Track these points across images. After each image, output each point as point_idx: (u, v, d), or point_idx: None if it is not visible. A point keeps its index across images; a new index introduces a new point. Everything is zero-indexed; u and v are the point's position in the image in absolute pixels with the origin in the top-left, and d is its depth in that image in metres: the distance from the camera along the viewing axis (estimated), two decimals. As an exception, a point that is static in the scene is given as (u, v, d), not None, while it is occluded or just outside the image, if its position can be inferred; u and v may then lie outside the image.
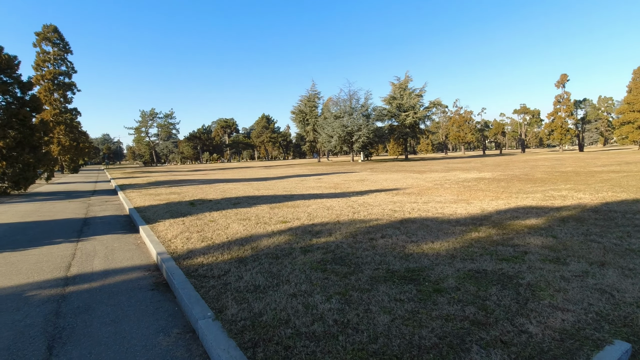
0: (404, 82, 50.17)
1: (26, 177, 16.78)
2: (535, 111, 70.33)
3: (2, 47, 16.36)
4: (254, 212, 8.65)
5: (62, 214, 10.86)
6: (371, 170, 29.22)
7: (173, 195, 13.42)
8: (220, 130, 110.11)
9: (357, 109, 46.16)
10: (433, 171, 24.21)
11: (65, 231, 8.07)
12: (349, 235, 5.95)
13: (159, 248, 5.71)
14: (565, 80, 54.61)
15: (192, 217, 8.43)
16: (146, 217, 8.70)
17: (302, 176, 23.92)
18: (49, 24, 35.73)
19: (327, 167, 37.63)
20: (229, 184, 18.28)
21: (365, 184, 16.09)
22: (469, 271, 4.08)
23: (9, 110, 16.43)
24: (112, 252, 6.13)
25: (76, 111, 39.37)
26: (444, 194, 11.40)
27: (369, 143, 45.90)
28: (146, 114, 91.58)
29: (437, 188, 13.37)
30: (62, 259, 5.78)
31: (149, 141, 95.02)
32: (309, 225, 6.90)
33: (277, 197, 11.69)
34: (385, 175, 21.62)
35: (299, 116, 55.46)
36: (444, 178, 18.06)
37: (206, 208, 9.76)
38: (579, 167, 21.41)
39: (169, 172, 41.92)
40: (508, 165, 28.61)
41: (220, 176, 27.17)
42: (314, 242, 5.56)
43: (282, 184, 17.84)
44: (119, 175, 33.43)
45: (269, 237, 6.03)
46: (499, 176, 17.88)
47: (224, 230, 6.82)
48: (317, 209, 8.91)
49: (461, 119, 68.80)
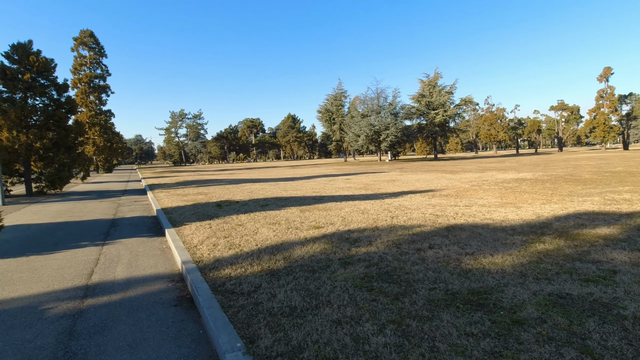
0: (434, 79, 48.50)
1: (61, 177, 17.17)
2: (575, 107, 66.07)
3: (39, 51, 16.81)
4: (284, 216, 8.15)
5: (92, 214, 10.82)
6: (400, 170, 28.22)
7: (200, 196, 13.20)
8: (246, 130, 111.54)
9: (385, 107, 45.00)
10: (466, 171, 22.96)
11: (93, 233, 7.88)
12: (391, 244, 5.30)
13: (184, 255, 5.29)
14: (609, 73, 50.90)
15: (219, 220, 8.03)
16: (172, 219, 8.39)
17: (329, 176, 23.34)
18: (85, 29, 37.15)
19: (354, 167, 36.87)
20: (255, 184, 17.98)
21: (397, 185, 15.29)
22: (550, 295, 3.34)
23: (46, 111, 16.86)
24: (136, 257, 5.79)
25: (110, 113, 40.72)
26: (486, 197, 10.47)
27: (397, 142, 44.65)
28: (176, 115, 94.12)
29: (475, 190, 12.41)
30: (85, 265, 5.47)
31: (179, 141, 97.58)
32: (344, 231, 6.29)
33: (306, 199, 11.16)
34: (416, 176, 20.66)
35: (325, 115, 54.89)
36: (480, 179, 16.93)
37: (233, 210, 9.37)
38: (630, 167, 19.56)
39: (196, 171, 42.57)
40: (547, 164, 26.78)
41: (247, 176, 27.08)
42: (353, 253, 4.95)
43: (310, 184, 17.34)
44: (150, 175, 34.17)
45: (302, 246, 5.48)
46: (542, 177, 16.55)
47: (252, 235, 6.33)
48: (350, 212, 8.29)
49: (493, 117, 65.85)
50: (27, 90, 16.28)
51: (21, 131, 15.85)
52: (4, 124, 15.45)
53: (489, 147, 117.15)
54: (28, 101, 16.43)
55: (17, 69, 16.13)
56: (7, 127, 15.50)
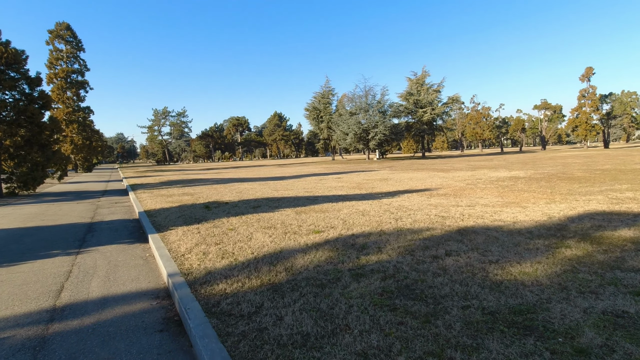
0: (421, 77, 48.44)
1: (34, 177, 16.06)
2: (557, 106, 67.41)
3: (9, 41, 15.65)
4: (279, 218, 7.55)
5: (67, 217, 9.96)
6: (390, 168, 27.90)
7: (186, 197, 12.44)
8: (232, 128, 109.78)
9: (373, 105, 44.63)
10: (457, 170, 22.77)
11: (66, 240, 7.10)
12: (403, 251, 4.79)
13: (170, 267, 4.65)
14: (590, 73, 52.01)
15: (208, 223, 7.37)
16: (157, 223, 7.68)
17: (319, 175, 22.79)
18: (61, 22, 35.36)
19: (342, 166, 36.41)
20: (244, 184, 17.27)
21: (391, 184, 14.86)
22: (604, 314, 2.88)
23: (17, 107, 15.71)
24: (115, 269, 5.10)
25: (89, 109, 39.04)
26: (485, 196, 10.12)
27: (385, 140, 44.38)
28: (159, 113, 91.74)
29: (472, 188, 12.07)
30: (55, 278, 4.76)
31: (162, 140, 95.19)
32: (348, 236, 5.75)
33: (299, 199, 10.58)
34: (407, 174, 20.31)
35: (313, 113, 54.20)
36: (474, 177, 16.68)
37: (223, 212, 8.70)
38: (618, 165, 19.70)
39: (181, 170, 41.32)
40: (535, 163, 26.92)
41: (234, 175, 26.25)
42: (364, 262, 4.41)
43: (301, 183, 16.74)
44: (132, 174, 32.88)
45: (304, 254, 4.90)
46: (534, 175, 16.41)
47: (246, 242, 5.72)
48: (350, 214, 7.76)
49: (479, 116, 66.56)
50: (-4, 83, 15.11)
51: (-11, 128, 14.69)
52: (-30, 120, 14.28)
53: (474, 146, 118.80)
54: (-3, 96, 15.25)
55: (-15, 61, 14.94)
56: (-26, 124, 14.34)
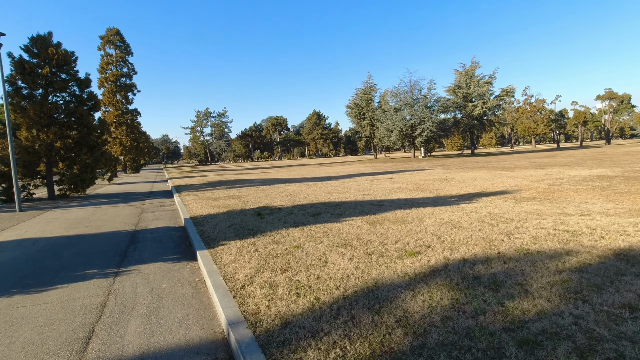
0: (471, 69, 44.99)
1: (83, 179, 15.93)
2: (625, 96, 60.12)
3: (59, 43, 15.59)
4: (350, 231, 6.15)
5: (111, 224, 9.23)
6: (442, 167, 25.66)
7: (233, 201, 11.44)
8: (271, 127, 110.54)
9: (419, 100, 42.03)
10: (522, 168, 20.19)
11: (107, 254, 6.17)
12: (564, 292, 3.19)
13: (229, 307, 3.39)
14: (670, 57, 45.70)
15: (266, 237, 6.13)
16: (205, 235, 6.58)
17: (367, 175, 21.22)
18: (112, 27, 36.54)
19: (388, 164, 34.49)
20: (291, 185, 16.13)
21: (455, 185, 12.99)
22: None
23: (68, 108, 15.64)
24: (159, 301, 3.95)
25: (136, 112, 40.13)
26: (591, 200, 8.12)
27: (433, 137, 41.69)
28: (201, 114, 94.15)
29: (560, 191, 10.00)
30: (85, 316, 3.68)
31: (204, 140, 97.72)
32: (458, 262, 4.22)
33: (362, 205, 9.14)
34: (468, 174, 18.18)
35: (355, 110, 52.35)
36: (550, 176, 14.34)
37: (279, 221, 7.46)
38: None
39: (223, 170, 41.41)
40: (612, 159, 23.47)
41: (277, 175, 25.35)
42: (516, 313, 2.87)
43: (352, 184, 15.30)
44: (176, 175, 33.15)
45: (412, 291, 3.46)
46: (626, 173, 13.80)
47: (322, 267, 4.38)
48: (436, 225, 6.20)
49: (532, 109, 61.28)
50: (47, 85, 15.07)
51: (41, 130, 14.65)
52: (23, 122, 14.28)
53: (525, 141, 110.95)
54: (48, 97, 15.22)
55: (37, 63, 14.94)
56: (26, 126, 14.32)
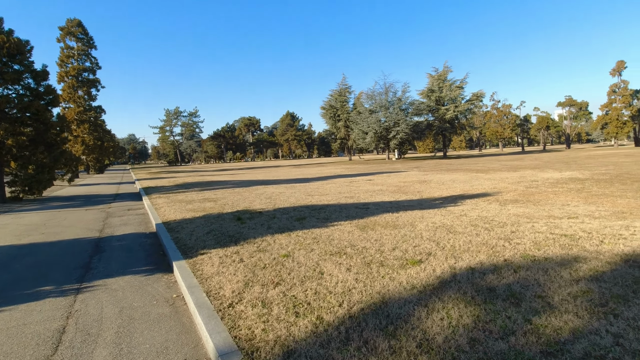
0: (443, 73, 46.06)
1: (40, 180, 14.57)
2: (583, 103, 63.96)
3: (12, 30, 14.20)
4: (342, 238, 5.75)
5: (72, 230, 8.33)
6: (418, 169, 25.90)
7: (209, 204, 10.74)
8: (243, 128, 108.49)
9: (394, 102, 42.48)
10: (495, 170, 20.68)
11: (66, 266, 5.41)
12: (590, 307, 2.94)
13: (217, 333, 2.88)
14: (622, 67, 48.92)
15: (250, 245, 5.61)
16: (181, 242, 5.95)
17: (345, 176, 20.97)
18: (72, 18, 34.19)
19: (363, 166, 34.50)
20: (269, 187, 15.54)
21: (436, 187, 12.94)
22: None
23: (21, 103, 14.24)
24: (130, 326, 3.36)
25: (100, 109, 37.81)
26: (572, 202, 8.20)
27: (407, 140, 42.21)
28: (171, 113, 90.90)
29: (539, 193, 10.11)
30: (37, 349, 3.04)
31: (174, 140, 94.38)
32: (465, 271, 3.91)
33: (348, 208, 8.77)
34: (445, 176, 18.34)
35: (330, 112, 52.11)
36: (525, 179, 14.65)
37: (262, 227, 6.93)
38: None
39: (194, 172, 39.92)
40: (576, 162, 24.59)
41: (252, 177, 24.60)
42: (550, 331, 2.57)
43: (331, 186, 14.94)
44: (144, 176, 31.51)
45: (424, 307, 3.09)
46: (594, 175, 14.33)
47: (318, 279, 3.94)
48: (431, 230, 5.93)
49: (499, 113, 63.83)
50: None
51: (-10, 126, 13.22)
52: (-31, 117, 12.83)
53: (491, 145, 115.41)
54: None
55: (-15, 52, 13.49)
56: (-27, 121, 12.88)
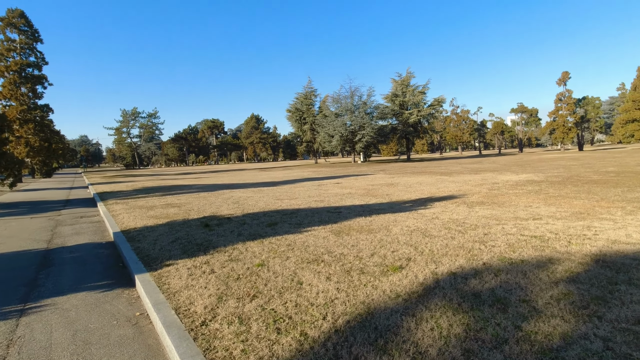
0: (406, 78, 47.47)
1: (-24, 186, 13.06)
2: (534, 110, 68.98)
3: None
4: (317, 244, 5.55)
5: (13, 241, 7.46)
6: (384, 172, 26.34)
7: (172, 209, 10.13)
8: (207, 130, 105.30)
9: (359, 106, 43.12)
10: (457, 173, 21.48)
11: (6, 284, 4.77)
12: (573, 307, 2.95)
13: (191, 357, 2.57)
14: (566, 77, 53.20)
15: (220, 253, 5.26)
16: (144, 253, 5.47)
17: (313, 180, 20.83)
18: (14, 8, 31.40)
19: (330, 169, 34.57)
20: (236, 192, 15.02)
21: (403, 190, 13.12)
22: None
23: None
24: (86, 353, 2.95)
25: (47, 108, 35.00)
26: (533, 204, 8.58)
27: (372, 143, 42.96)
28: (128, 114, 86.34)
29: (501, 195, 10.54)
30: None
31: (131, 142, 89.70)
32: (448, 276, 3.85)
33: (319, 213, 8.60)
34: (410, 179, 18.73)
35: (295, 114, 51.85)
36: (487, 181, 15.30)
37: (232, 234, 6.57)
38: (619, 167, 19.02)
39: (155, 175, 38.03)
40: (530, 165, 26.18)
41: (217, 180, 23.78)
42: (541, 338, 2.52)
43: (300, 190, 14.73)
44: (99, 180, 29.50)
45: (411, 316, 2.97)
46: (549, 178, 15.23)
47: (297, 290, 3.71)
48: (406, 234, 5.89)
49: (459, 118, 66.93)
50: None
51: None
52: None
53: (447, 149, 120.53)
54: None
55: None
56: None
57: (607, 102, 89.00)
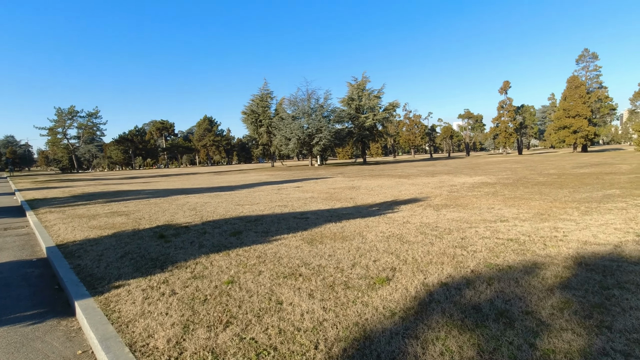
0: (362, 82, 48.42)
1: None
2: (479, 116, 74.03)
3: None
4: (290, 255, 5.07)
5: None
6: (343, 175, 26.37)
7: (119, 218, 9.04)
8: (155, 132, 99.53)
9: (316, 109, 43.08)
10: (415, 175, 22.06)
11: None
12: (578, 317, 2.79)
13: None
14: (508, 86, 57.66)
15: (181, 269, 4.59)
16: (86, 272, 4.64)
17: (271, 183, 20.20)
18: None
19: (288, 173, 34.00)
20: (190, 197, 13.99)
21: (366, 193, 13.03)
22: None
23: None
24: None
25: (-34, 104, 30.71)
26: (495, 206, 8.82)
27: (329, 146, 43.08)
28: (64, 112, 78.80)
29: (461, 197, 10.79)
30: None
31: (68, 144, 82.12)
32: (439, 287, 3.59)
33: (285, 219, 8.10)
34: (371, 182, 18.83)
35: (251, 117, 50.58)
36: (444, 183, 15.78)
37: (192, 245, 5.87)
38: (559, 169, 20.72)
39: (96, 180, 34.87)
40: (480, 168, 27.70)
41: (169, 185, 22.23)
42: (561, 357, 2.30)
43: (260, 194, 14.08)
44: (29, 185, 26.31)
45: (414, 338, 2.62)
46: (501, 180, 16.06)
47: (278, 312, 3.22)
48: (382, 241, 5.61)
49: (411, 123, 69.68)
50: None
51: None
52: None
53: (403, 152, 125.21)
54: None
55: None
56: None
57: (540, 111, 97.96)
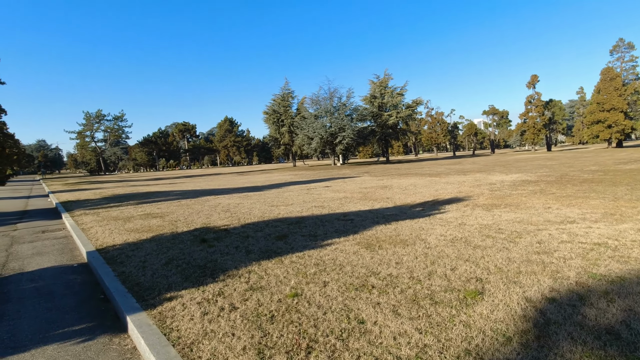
0: (384, 80, 47.45)
1: None
2: (504, 112, 71.50)
3: None
4: (352, 262, 4.58)
5: (-44, 267, 5.96)
6: (369, 174, 25.71)
7: (154, 220, 8.81)
8: (178, 134, 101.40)
9: (339, 108, 42.50)
10: (445, 174, 21.17)
11: (-59, 334, 3.47)
12: None
13: None
14: (535, 80, 55.31)
15: (234, 279, 4.17)
16: (132, 281, 4.29)
17: (299, 183, 19.82)
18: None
19: (311, 172, 33.60)
20: (220, 197, 13.74)
21: (401, 193, 12.40)
22: None
23: None
24: None
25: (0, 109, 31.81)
26: (552, 205, 8.09)
27: (353, 145, 42.44)
28: (91, 116, 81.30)
29: (507, 196, 10.02)
30: None
31: (96, 147, 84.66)
32: (544, 302, 3.01)
33: (329, 221, 7.62)
34: (401, 181, 18.13)
35: (273, 117, 50.55)
36: (479, 181, 14.96)
37: (238, 251, 5.46)
38: (601, 166, 19.36)
39: (124, 181, 35.52)
40: (510, 165, 26.43)
41: (195, 186, 22.21)
42: None
43: (291, 194, 13.68)
44: (61, 188, 26.97)
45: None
46: (542, 177, 15.08)
47: (361, 332, 2.73)
48: (449, 246, 5.05)
49: (434, 120, 68.07)
50: None
51: None
52: None
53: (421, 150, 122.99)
54: None
55: None
56: None
57: (568, 105, 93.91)
